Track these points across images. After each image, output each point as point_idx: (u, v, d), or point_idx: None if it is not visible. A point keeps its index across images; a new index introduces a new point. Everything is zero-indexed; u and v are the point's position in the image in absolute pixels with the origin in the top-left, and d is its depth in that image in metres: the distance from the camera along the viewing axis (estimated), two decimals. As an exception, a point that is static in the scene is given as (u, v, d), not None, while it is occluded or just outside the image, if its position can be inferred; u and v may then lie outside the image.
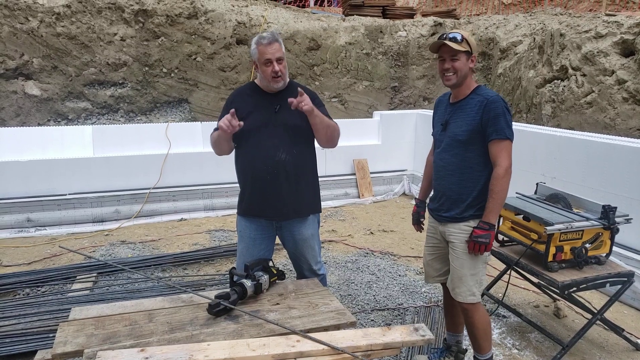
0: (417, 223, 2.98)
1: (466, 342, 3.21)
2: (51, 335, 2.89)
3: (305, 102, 2.48)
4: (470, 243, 2.45)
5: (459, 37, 2.39)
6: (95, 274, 4.04)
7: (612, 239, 2.99)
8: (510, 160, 2.40)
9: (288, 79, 2.70)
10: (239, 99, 2.71)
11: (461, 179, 2.50)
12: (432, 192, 2.80)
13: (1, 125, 6.75)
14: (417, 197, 3.02)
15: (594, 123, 5.91)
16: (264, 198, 2.69)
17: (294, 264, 2.97)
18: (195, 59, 8.00)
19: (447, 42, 2.40)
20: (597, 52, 5.94)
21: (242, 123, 2.49)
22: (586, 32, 6.21)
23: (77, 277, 3.97)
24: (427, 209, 2.86)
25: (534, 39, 7.57)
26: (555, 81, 6.57)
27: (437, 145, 2.68)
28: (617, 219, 2.94)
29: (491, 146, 2.41)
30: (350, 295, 3.86)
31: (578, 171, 4.59)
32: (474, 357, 2.67)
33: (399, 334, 2.19)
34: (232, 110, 2.48)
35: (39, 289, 3.80)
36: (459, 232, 2.54)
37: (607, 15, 6.49)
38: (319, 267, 2.93)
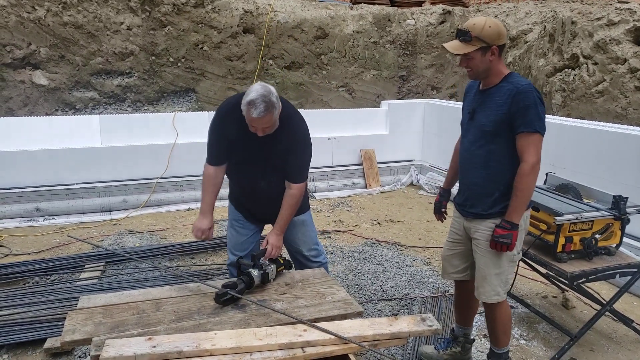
0: (439, 212, 2.84)
1: (473, 332, 3.20)
2: (60, 323, 2.92)
3: (272, 249, 2.59)
4: (492, 242, 2.35)
5: (468, 37, 2.22)
6: (103, 263, 4.07)
7: (622, 229, 2.95)
8: (538, 156, 2.23)
9: (278, 123, 2.51)
10: (226, 124, 2.59)
11: (487, 173, 2.38)
12: (457, 184, 2.69)
13: (9, 115, 6.78)
14: (441, 185, 2.90)
15: (605, 112, 5.82)
16: (246, 209, 2.85)
17: (288, 252, 3.00)
18: (202, 48, 7.97)
19: (448, 48, 2.27)
20: (609, 40, 5.83)
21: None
22: (598, 19, 6.10)
23: (86, 266, 4.00)
24: (453, 202, 2.73)
25: (545, 27, 7.45)
26: (566, 70, 6.47)
27: (464, 134, 2.54)
28: (628, 210, 2.90)
29: (519, 139, 2.24)
30: (357, 285, 3.85)
31: (588, 161, 4.53)
32: (490, 349, 2.64)
33: (406, 324, 2.19)
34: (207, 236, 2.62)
35: (48, 277, 3.83)
36: (485, 229, 2.42)
37: (619, 2, 6.37)
38: (315, 254, 2.93)
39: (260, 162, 2.61)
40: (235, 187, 2.88)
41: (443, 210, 2.84)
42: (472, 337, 2.91)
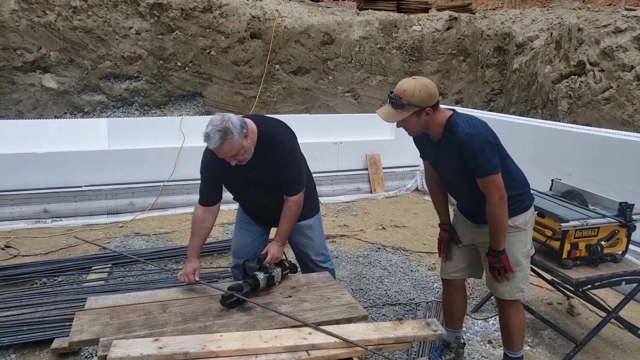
0: (449, 249, 2.73)
1: (478, 338, 3.20)
2: (68, 323, 2.94)
3: (272, 259, 2.57)
4: (490, 269, 2.47)
5: (400, 105, 2.22)
6: (110, 265, 4.10)
7: (628, 236, 2.94)
8: (500, 191, 2.29)
9: (253, 148, 2.49)
10: (209, 162, 2.60)
11: (478, 197, 2.38)
12: (453, 199, 2.70)
13: (19, 118, 6.87)
14: (440, 223, 2.79)
15: (612, 119, 5.81)
16: (253, 217, 2.93)
17: (296, 256, 3.03)
18: (209, 52, 8.04)
19: (382, 117, 2.28)
20: (616, 47, 5.83)
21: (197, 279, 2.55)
22: (605, 26, 6.10)
23: (93, 268, 4.03)
24: (454, 206, 2.74)
25: (551, 33, 7.46)
26: (572, 77, 6.48)
27: (436, 171, 2.59)
28: (634, 217, 2.90)
29: (478, 182, 2.32)
30: (361, 289, 3.86)
31: (595, 168, 4.52)
32: (504, 354, 2.63)
33: (410, 329, 2.20)
34: (195, 279, 2.53)
35: (56, 278, 3.86)
36: None
37: (626, 9, 6.37)
38: (322, 260, 2.95)
39: (256, 186, 2.67)
40: (242, 205, 2.97)
41: (460, 245, 2.68)
42: (462, 341, 2.90)
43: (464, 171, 2.34)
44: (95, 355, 2.75)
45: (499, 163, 2.29)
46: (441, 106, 2.36)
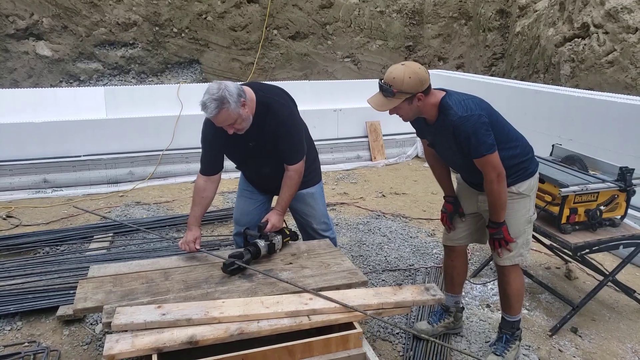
0: (453, 222, 2.73)
1: (476, 302, 3.25)
2: (71, 291, 2.99)
3: (272, 228, 2.59)
4: (490, 240, 2.51)
5: (390, 93, 2.18)
6: (111, 234, 4.13)
7: (627, 201, 2.95)
8: (497, 170, 2.29)
9: (251, 117, 2.48)
10: (210, 132, 2.58)
11: (478, 172, 2.37)
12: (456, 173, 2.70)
13: (14, 87, 6.78)
14: (445, 196, 2.76)
15: (615, 83, 5.73)
16: (256, 186, 2.92)
17: (298, 224, 3.04)
18: (205, 18, 7.85)
19: (372, 105, 2.24)
20: (621, 9, 5.69)
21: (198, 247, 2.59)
22: (611, -14, 5.93)
23: (94, 237, 4.06)
24: (459, 177, 2.73)
25: (556, -6, 7.26)
26: (576, 39, 6.35)
27: (435, 149, 2.59)
28: (634, 181, 2.90)
29: (474, 162, 2.31)
30: (361, 256, 3.90)
31: (596, 133, 4.49)
32: (502, 318, 2.67)
33: (409, 293, 2.23)
34: (196, 247, 2.57)
35: (58, 247, 3.90)
36: None
37: (634, -32, 6.17)
38: (324, 228, 2.97)
39: (257, 154, 2.65)
40: (244, 174, 2.96)
41: (463, 219, 2.70)
42: (461, 306, 2.94)
43: (460, 151, 2.33)
44: (100, 322, 2.80)
45: (494, 142, 2.27)
46: (433, 89, 2.31)
